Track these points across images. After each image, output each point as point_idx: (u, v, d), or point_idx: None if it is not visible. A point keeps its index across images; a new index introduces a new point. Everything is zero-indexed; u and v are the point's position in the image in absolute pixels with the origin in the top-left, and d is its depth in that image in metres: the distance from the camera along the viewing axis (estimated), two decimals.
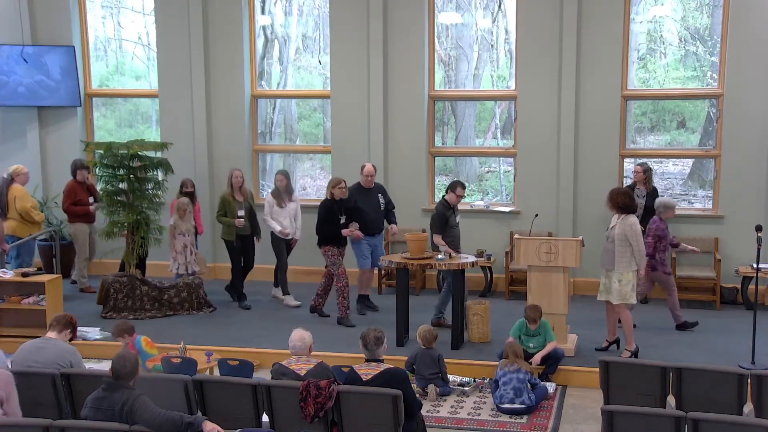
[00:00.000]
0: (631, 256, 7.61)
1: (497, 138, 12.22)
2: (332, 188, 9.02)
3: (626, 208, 7.67)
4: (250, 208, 9.74)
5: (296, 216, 9.81)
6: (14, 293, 8.77)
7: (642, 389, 5.84)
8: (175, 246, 9.66)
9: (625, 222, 7.62)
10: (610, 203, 7.76)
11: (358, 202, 9.22)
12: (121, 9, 12.56)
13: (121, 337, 6.62)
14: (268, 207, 9.71)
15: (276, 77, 12.30)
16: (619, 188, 7.88)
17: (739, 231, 9.65)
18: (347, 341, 8.16)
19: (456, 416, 6.78)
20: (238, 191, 9.68)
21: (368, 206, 9.28)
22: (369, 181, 9.37)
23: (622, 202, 7.67)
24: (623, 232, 7.57)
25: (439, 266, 8.27)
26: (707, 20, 10.91)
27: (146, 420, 4.80)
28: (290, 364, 5.75)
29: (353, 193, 9.24)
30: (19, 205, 9.75)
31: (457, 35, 11.74)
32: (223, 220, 9.67)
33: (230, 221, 9.57)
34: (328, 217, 8.95)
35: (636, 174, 9.72)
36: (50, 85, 11.32)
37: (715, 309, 9.56)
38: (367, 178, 9.34)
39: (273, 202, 9.70)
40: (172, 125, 11.26)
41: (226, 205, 9.63)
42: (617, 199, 7.70)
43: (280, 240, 9.71)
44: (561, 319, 7.83)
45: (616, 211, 7.73)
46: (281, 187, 9.71)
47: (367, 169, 9.36)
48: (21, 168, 10.04)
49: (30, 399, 5.65)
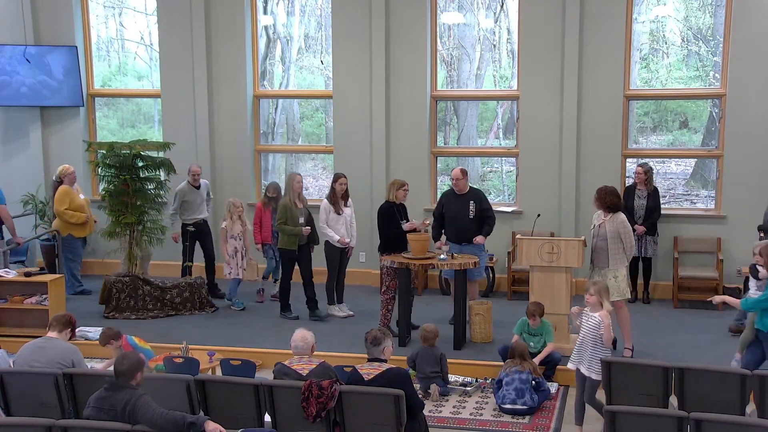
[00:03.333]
0: (622, 253, 7.69)
1: (499, 138, 12.21)
2: (396, 190, 8.65)
3: (615, 207, 7.73)
4: (308, 215, 9.21)
5: (352, 222, 9.25)
6: (17, 293, 8.79)
7: (644, 389, 5.83)
8: (227, 250, 9.45)
9: (616, 220, 7.68)
10: (599, 202, 7.80)
11: (446, 207, 8.75)
12: (124, 9, 12.56)
13: (108, 344, 6.57)
14: (324, 214, 9.00)
15: (278, 77, 12.30)
16: (607, 187, 7.86)
17: (742, 231, 9.64)
18: (349, 341, 8.16)
19: (458, 416, 6.78)
20: (298, 198, 9.09)
21: (455, 213, 8.66)
22: (458, 186, 8.66)
23: (611, 202, 7.73)
24: (616, 230, 7.64)
25: (441, 266, 8.27)
26: (710, 20, 10.89)
27: (148, 420, 4.80)
28: (292, 364, 5.75)
29: (444, 198, 8.81)
30: (55, 207, 10.02)
31: (460, 35, 11.73)
32: (286, 229, 8.93)
33: (295, 230, 8.94)
34: (390, 221, 8.61)
35: (637, 175, 9.72)
36: (53, 85, 11.34)
37: (717, 309, 9.54)
38: (454, 182, 8.72)
39: (330, 209, 9.02)
40: (174, 125, 11.27)
41: (288, 213, 8.93)
42: (606, 198, 7.75)
43: (336, 250, 9.08)
44: (563, 319, 7.83)
45: (603, 211, 7.78)
46: (341, 192, 9.08)
47: (454, 173, 8.73)
48: (66, 168, 10.19)
49: (32, 399, 5.66)
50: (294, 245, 8.98)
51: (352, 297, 9.62)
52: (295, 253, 9.04)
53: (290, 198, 8.98)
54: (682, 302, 9.72)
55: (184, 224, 9.99)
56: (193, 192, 10.02)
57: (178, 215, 10.00)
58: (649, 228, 9.57)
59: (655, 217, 9.61)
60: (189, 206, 10.00)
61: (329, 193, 9.11)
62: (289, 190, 9.02)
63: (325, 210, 9.00)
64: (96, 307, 9.55)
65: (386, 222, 8.63)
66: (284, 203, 8.99)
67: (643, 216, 9.58)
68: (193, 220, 10.01)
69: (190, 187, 10.02)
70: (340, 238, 8.98)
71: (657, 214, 9.64)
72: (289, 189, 9.02)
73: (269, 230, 9.61)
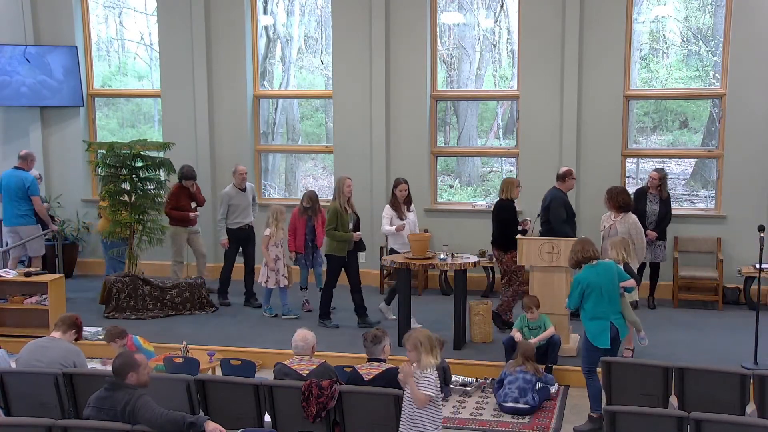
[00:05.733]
0: (633, 253, 7.61)
1: (499, 138, 12.21)
2: (516, 187, 8.58)
3: (626, 207, 7.70)
4: (357, 220, 8.97)
5: (415, 228, 8.95)
6: (17, 293, 8.79)
7: (644, 389, 5.83)
8: (270, 256, 9.13)
9: (628, 221, 7.65)
10: (610, 203, 7.77)
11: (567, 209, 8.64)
12: (124, 9, 12.57)
13: (113, 342, 6.56)
14: (385, 220, 8.79)
15: (278, 77, 12.30)
16: (617, 187, 7.86)
17: (742, 231, 9.64)
18: (349, 341, 8.16)
19: (458, 416, 6.78)
20: (347, 202, 8.81)
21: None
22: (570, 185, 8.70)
23: (622, 201, 7.70)
24: (627, 231, 7.59)
25: (441, 266, 8.27)
26: (710, 20, 10.89)
27: (148, 420, 4.80)
28: (293, 364, 5.76)
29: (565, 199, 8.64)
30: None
31: (459, 35, 11.73)
32: (336, 235, 8.61)
33: (346, 236, 8.63)
34: (514, 219, 8.54)
35: (651, 180, 9.51)
36: (53, 85, 11.34)
37: (717, 309, 9.55)
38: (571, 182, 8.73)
39: (392, 214, 8.76)
40: (174, 125, 11.27)
41: (339, 218, 8.62)
42: (617, 198, 7.71)
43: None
44: (563, 319, 7.83)
45: (614, 211, 7.74)
46: (402, 198, 8.82)
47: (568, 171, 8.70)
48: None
49: (32, 399, 5.66)
50: (344, 251, 8.69)
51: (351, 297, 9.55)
52: (344, 259, 8.75)
53: (340, 203, 8.70)
54: (682, 302, 9.71)
55: (229, 228, 9.62)
56: (239, 195, 9.60)
57: (224, 221, 9.59)
58: (659, 234, 9.44)
59: (665, 223, 9.48)
60: (235, 210, 9.56)
61: (391, 199, 8.94)
62: (339, 195, 8.74)
63: (387, 216, 8.79)
64: (96, 307, 9.55)
65: (515, 219, 8.57)
66: (334, 208, 8.69)
67: (655, 221, 9.39)
68: (238, 224, 9.59)
69: (236, 190, 9.61)
70: (397, 226, 8.72)
71: (668, 221, 9.50)
72: (339, 193, 8.74)
73: (303, 239, 9.35)
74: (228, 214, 9.60)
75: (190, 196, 10.04)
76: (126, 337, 6.63)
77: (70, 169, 11.14)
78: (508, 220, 8.54)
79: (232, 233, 9.64)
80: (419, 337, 5.02)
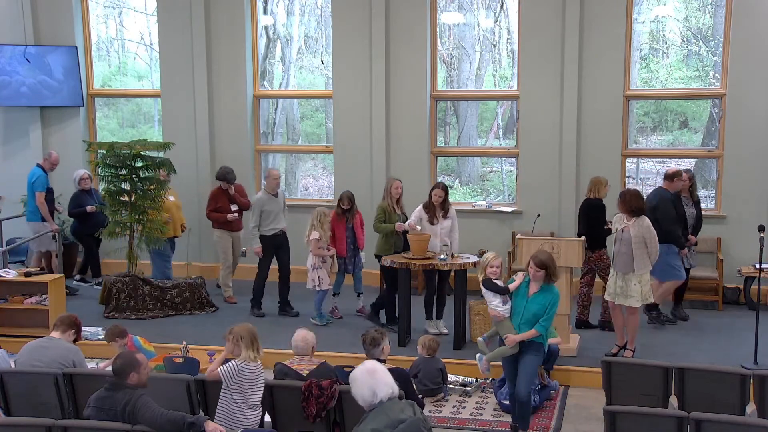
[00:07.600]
0: (647, 257, 7.54)
1: (499, 138, 12.20)
2: (605, 186, 8.61)
3: (639, 211, 7.55)
4: (406, 221, 8.77)
5: (451, 233, 8.62)
6: (17, 293, 8.79)
7: (644, 389, 5.83)
8: (327, 253, 8.96)
9: (642, 225, 7.49)
10: (623, 206, 7.60)
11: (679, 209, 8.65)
12: (124, 9, 12.56)
13: (114, 341, 6.55)
14: (415, 222, 8.54)
15: (278, 77, 12.30)
16: (630, 190, 7.68)
17: (742, 231, 9.64)
18: (349, 341, 8.16)
19: (458, 416, 6.78)
20: (396, 203, 8.81)
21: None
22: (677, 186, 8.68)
23: (636, 206, 7.53)
24: (641, 234, 7.45)
25: (441, 266, 8.26)
26: (710, 20, 10.88)
27: (148, 420, 4.80)
28: (293, 364, 5.76)
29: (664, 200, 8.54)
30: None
31: (459, 35, 11.72)
32: (381, 227, 8.68)
33: (389, 226, 8.64)
34: (603, 218, 8.52)
35: (683, 182, 9.03)
36: (53, 86, 11.34)
37: (717, 309, 9.55)
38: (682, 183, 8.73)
39: (423, 217, 8.54)
40: (174, 125, 11.27)
41: (387, 216, 8.70)
42: (631, 202, 7.54)
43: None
44: (563, 319, 7.82)
45: (627, 214, 7.60)
46: (437, 202, 8.57)
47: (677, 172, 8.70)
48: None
49: (32, 399, 5.67)
50: (391, 251, 8.64)
51: (352, 297, 9.58)
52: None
53: (389, 203, 8.77)
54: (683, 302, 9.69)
55: (263, 235, 9.29)
56: (272, 201, 9.30)
57: (257, 229, 9.26)
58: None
59: (701, 225, 9.28)
60: (268, 216, 9.24)
61: (427, 200, 8.69)
62: (387, 195, 8.83)
63: (416, 217, 8.57)
64: (96, 307, 9.54)
65: (603, 218, 8.54)
66: (382, 206, 8.79)
67: (693, 225, 9.12)
68: (273, 231, 9.27)
69: (269, 195, 9.31)
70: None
71: (701, 224, 9.31)
72: (387, 194, 8.84)
73: (344, 242, 9.16)
74: (261, 221, 9.26)
75: (230, 199, 9.92)
76: (126, 336, 6.64)
77: (71, 169, 11.09)
78: (597, 219, 8.55)
79: (267, 240, 9.28)
80: (240, 332, 5.36)
